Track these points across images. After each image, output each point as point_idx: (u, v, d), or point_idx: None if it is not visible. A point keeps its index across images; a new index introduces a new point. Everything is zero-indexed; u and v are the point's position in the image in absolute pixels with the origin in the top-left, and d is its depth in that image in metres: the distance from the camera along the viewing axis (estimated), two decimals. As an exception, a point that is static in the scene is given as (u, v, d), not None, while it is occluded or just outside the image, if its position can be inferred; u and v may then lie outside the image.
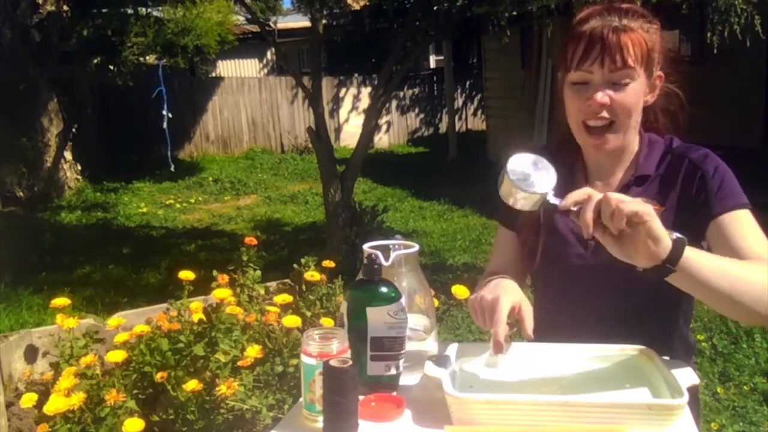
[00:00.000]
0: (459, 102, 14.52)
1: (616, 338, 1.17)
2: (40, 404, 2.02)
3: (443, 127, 13.85)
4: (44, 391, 2.18)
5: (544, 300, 1.39)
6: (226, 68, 16.67)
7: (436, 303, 2.29)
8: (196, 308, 2.38)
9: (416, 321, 1.22)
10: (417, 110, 14.45)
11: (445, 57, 11.86)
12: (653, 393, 1.05)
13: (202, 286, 2.58)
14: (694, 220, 1.23)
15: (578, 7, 1.38)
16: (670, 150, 1.31)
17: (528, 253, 1.37)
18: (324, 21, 5.82)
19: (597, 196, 1.02)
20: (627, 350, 1.16)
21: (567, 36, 1.25)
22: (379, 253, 1.16)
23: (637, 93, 1.23)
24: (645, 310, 1.26)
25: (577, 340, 1.19)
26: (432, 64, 16.39)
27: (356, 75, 13.76)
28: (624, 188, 1.30)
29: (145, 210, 8.76)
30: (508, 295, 1.12)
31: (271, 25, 15.02)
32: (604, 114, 1.23)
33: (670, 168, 1.29)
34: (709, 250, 1.19)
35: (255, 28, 12.93)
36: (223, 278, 2.52)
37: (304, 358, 1.05)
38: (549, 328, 1.25)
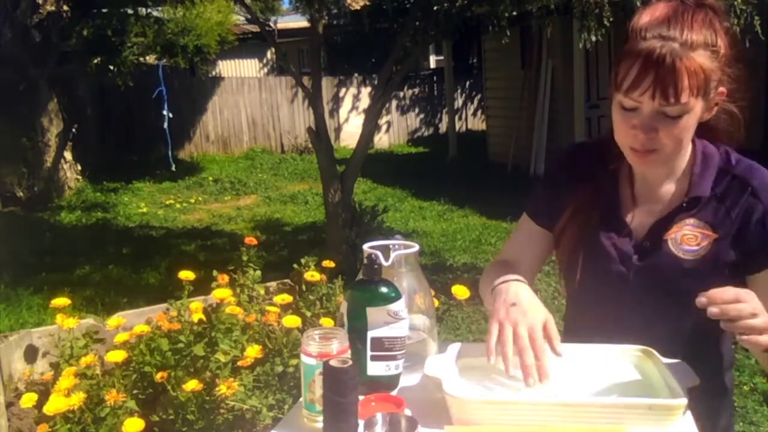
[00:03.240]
0: (459, 102, 14.52)
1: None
2: (40, 404, 2.02)
3: (443, 127, 13.85)
4: (44, 391, 2.18)
5: (578, 311, 1.37)
6: (226, 68, 16.67)
7: (436, 303, 2.29)
8: (196, 308, 2.38)
9: (416, 321, 1.21)
10: (417, 110, 14.45)
11: (445, 57, 11.86)
12: (653, 393, 1.05)
13: (202, 286, 2.58)
14: (746, 259, 1.18)
15: (643, 4, 1.24)
16: (729, 168, 1.22)
17: (566, 268, 1.31)
18: (324, 21, 5.82)
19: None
20: (627, 350, 1.16)
21: (624, 45, 1.12)
22: (379, 253, 1.15)
23: (689, 123, 1.13)
24: (688, 329, 1.22)
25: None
26: (432, 64, 16.39)
27: (356, 75, 13.76)
28: (674, 212, 1.22)
29: (145, 210, 8.76)
30: (537, 313, 1.10)
31: (271, 25, 15.06)
32: (649, 146, 1.14)
33: (729, 192, 1.20)
34: (744, 285, 1.14)
35: (255, 28, 12.94)
36: (223, 278, 2.53)
37: (304, 358, 1.05)
38: (580, 339, 1.22)
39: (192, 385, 2.04)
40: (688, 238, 1.20)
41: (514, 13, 5.09)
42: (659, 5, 1.12)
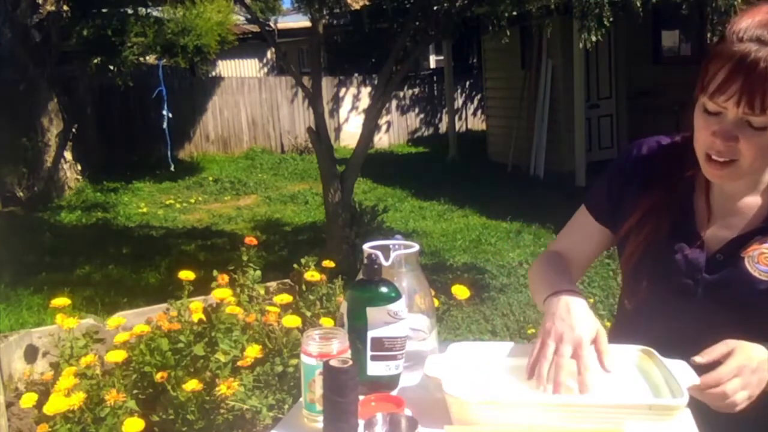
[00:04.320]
0: (459, 102, 14.51)
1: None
2: (40, 404, 2.03)
3: (443, 127, 13.85)
4: (44, 391, 2.18)
5: (637, 321, 1.29)
6: (226, 68, 16.67)
7: (436, 303, 2.29)
8: (196, 308, 2.39)
9: (416, 321, 1.21)
10: (417, 110, 14.45)
11: (445, 57, 11.86)
12: (653, 393, 1.05)
13: (202, 286, 2.58)
14: None
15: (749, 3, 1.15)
16: None
17: (629, 276, 1.25)
18: (324, 21, 5.82)
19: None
20: (628, 350, 1.15)
21: (717, 43, 1.06)
22: (379, 253, 1.15)
23: None
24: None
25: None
26: (432, 64, 16.38)
27: (356, 75, 13.76)
28: (757, 230, 1.16)
29: (145, 210, 8.76)
30: (586, 327, 1.07)
31: (271, 25, 15.03)
32: (726, 155, 1.07)
33: None
34: None
35: (255, 28, 12.93)
36: (223, 278, 2.53)
37: (304, 358, 1.05)
38: (630, 342, 1.18)
39: (192, 385, 2.04)
40: (765, 258, 1.14)
41: (514, 13, 5.09)
42: (762, 8, 1.04)
